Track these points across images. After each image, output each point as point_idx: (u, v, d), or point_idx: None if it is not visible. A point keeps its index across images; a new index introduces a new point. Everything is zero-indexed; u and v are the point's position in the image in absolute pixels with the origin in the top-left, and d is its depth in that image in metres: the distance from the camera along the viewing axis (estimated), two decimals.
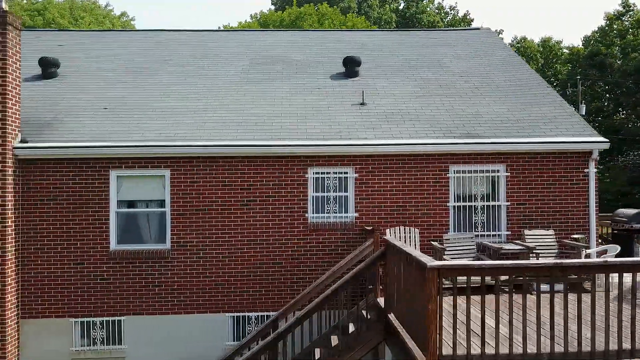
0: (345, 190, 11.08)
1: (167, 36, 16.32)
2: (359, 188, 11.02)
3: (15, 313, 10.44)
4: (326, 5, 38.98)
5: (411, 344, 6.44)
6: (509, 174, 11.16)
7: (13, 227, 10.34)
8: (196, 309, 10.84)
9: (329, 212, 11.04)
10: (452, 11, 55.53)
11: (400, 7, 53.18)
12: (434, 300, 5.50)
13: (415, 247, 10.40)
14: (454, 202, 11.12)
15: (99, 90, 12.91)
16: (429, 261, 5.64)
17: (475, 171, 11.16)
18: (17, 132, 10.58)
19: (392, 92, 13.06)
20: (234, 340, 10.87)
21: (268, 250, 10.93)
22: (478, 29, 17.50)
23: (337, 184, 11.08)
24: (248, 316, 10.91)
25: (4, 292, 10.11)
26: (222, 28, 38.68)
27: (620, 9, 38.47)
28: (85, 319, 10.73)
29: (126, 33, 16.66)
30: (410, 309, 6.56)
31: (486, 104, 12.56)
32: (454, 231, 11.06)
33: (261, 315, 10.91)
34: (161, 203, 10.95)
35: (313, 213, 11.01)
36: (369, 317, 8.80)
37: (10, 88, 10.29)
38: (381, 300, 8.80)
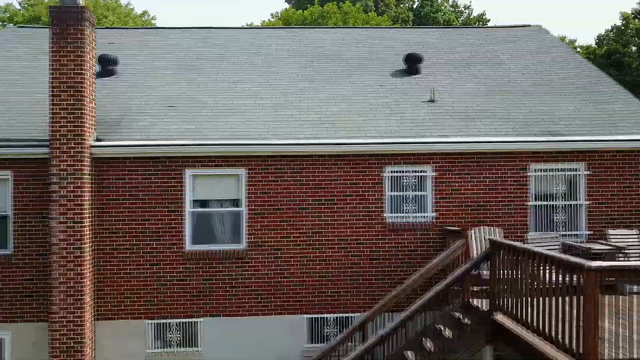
0: (422, 189, 10.86)
1: (217, 33, 16.09)
2: (438, 187, 10.81)
3: (91, 315, 10.24)
4: (349, 3, 38.73)
5: (544, 346, 6.23)
6: (589, 172, 10.94)
7: (89, 228, 10.14)
8: (273, 311, 10.63)
9: (406, 212, 10.82)
10: (466, 10, 55.25)
11: (414, 6, 52.89)
12: (594, 304, 5.28)
13: None
14: (534, 201, 10.90)
15: (161, 88, 12.70)
16: (586, 262, 5.42)
17: (555, 170, 10.95)
18: (92, 131, 10.38)
19: (457, 90, 12.84)
20: (311, 342, 10.67)
21: (345, 251, 10.72)
22: (528, 26, 17.23)
23: (415, 182, 10.86)
24: (326, 318, 10.70)
25: (82, 294, 9.92)
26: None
27: (638, 7, 38.17)
28: (161, 321, 10.52)
29: (176, 30, 16.43)
30: (544, 312, 6.33)
31: (555, 101, 12.34)
32: (534, 231, 10.83)
33: (339, 317, 10.70)
34: (235, 202, 10.74)
35: (390, 213, 10.79)
36: (465, 319, 8.57)
37: (87, 85, 10.09)
38: (478, 302, 8.57)
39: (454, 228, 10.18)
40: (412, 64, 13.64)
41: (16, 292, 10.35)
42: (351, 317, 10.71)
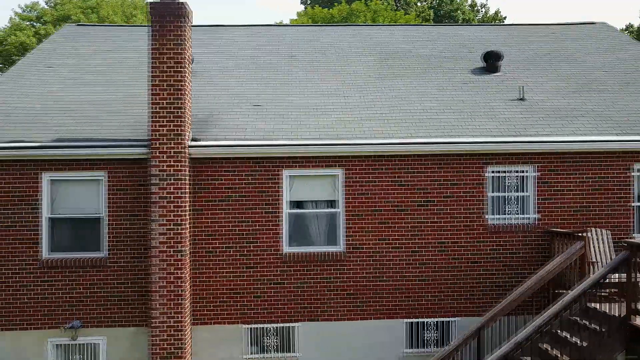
0: (524, 190, 10.56)
1: (283, 31, 15.84)
2: (540, 187, 10.51)
3: (189, 319, 9.97)
4: (377, 1, 38.43)
5: None
6: None
7: (188, 230, 9.87)
8: (372, 315, 10.34)
9: (509, 213, 10.53)
10: (482, 9, 54.94)
11: (432, 5, 52.62)
12: None
13: (609, 250, 9.88)
14: (637, 201, 10.60)
15: (239, 87, 12.42)
16: None
17: None
18: (189, 130, 10.11)
19: (542, 88, 12.54)
20: (410, 347, 10.39)
21: (445, 254, 10.43)
22: (593, 23, 16.90)
23: (516, 183, 10.57)
24: (426, 322, 10.41)
25: (182, 298, 9.65)
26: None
27: None
28: (258, 325, 10.25)
29: (239, 28, 16.16)
30: None
31: None
32: (638, 232, 10.53)
33: (439, 322, 10.42)
34: (331, 203, 10.46)
35: (492, 214, 10.50)
36: (595, 325, 8.27)
37: (186, 83, 9.82)
38: (605, 306, 8.27)
39: (566, 230, 9.89)
40: (491, 62, 13.34)
41: (111, 296, 10.09)
42: (451, 321, 10.43)
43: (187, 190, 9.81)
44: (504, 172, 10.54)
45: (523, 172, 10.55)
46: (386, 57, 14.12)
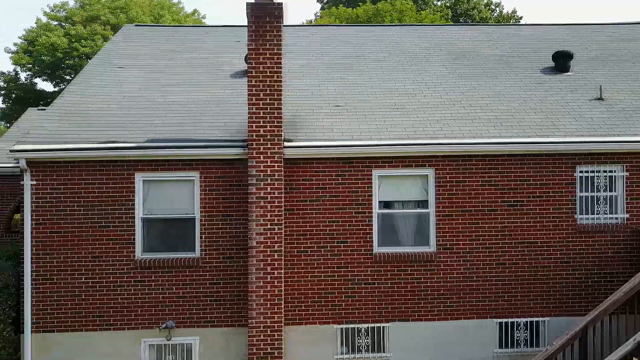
0: (613, 190, 10.57)
1: (344, 31, 15.86)
2: (629, 187, 10.51)
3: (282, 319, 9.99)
4: (403, 1, 38.43)
5: None
6: None
7: (282, 230, 9.88)
8: (463, 314, 10.36)
9: (598, 213, 10.53)
10: (497, 8, 54.91)
11: (448, 4, 52.58)
12: None
13: None
14: None
15: (315, 88, 12.42)
16: None
17: None
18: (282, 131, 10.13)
19: (617, 87, 12.52)
20: (501, 347, 10.39)
21: (535, 253, 10.43)
22: None
23: (605, 183, 10.57)
24: (516, 322, 10.41)
25: (279, 298, 9.68)
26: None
27: None
28: (350, 326, 10.26)
29: (300, 29, 16.17)
30: None
31: None
32: None
33: (529, 322, 10.42)
34: (421, 203, 10.47)
35: (581, 214, 10.50)
36: None
37: (281, 83, 9.83)
38: None
39: None
40: (561, 62, 13.32)
41: (204, 296, 10.11)
42: (540, 321, 10.44)
43: (282, 191, 9.83)
44: (593, 172, 10.54)
45: (612, 172, 10.55)
46: (453, 57, 14.11)
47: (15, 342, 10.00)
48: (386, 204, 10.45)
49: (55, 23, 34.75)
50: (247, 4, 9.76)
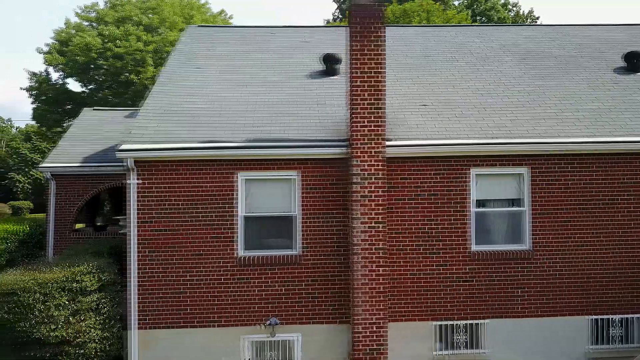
0: None
1: (403, 32, 15.97)
2: None
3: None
4: (429, 1, 38.53)
5: None
6: None
7: (384, 227, 10.00)
8: (558, 311, 10.48)
9: None
10: (514, 8, 55.02)
11: (466, 3, 52.67)
12: None
13: None
14: None
15: (398, 87, 12.49)
16: None
17: None
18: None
19: None
20: (595, 344, 10.52)
21: (629, 252, 10.56)
22: None
23: None
24: (611, 319, 10.53)
25: (383, 295, 9.80)
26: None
27: None
28: (447, 322, 10.40)
29: None
30: None
31: None
32: None
33: (624, 318, 10.54)
34: (515, 202, 10.60)
35: None
36: None
37: (384, 83, 9.96)
38: None
39: None
40: (634, 62, 13.43)
41: (305, 293, 10.26)
42: (635, 318, 10.56)
43: (385, 189, 9.96)
44: None
45: None
46: (522, 57, 14.22)
47: (122, 338, 10.15)
48: (481, 203, 10.58)
49: (86, 24, 34.97)
50: (352, 5, 9.90)
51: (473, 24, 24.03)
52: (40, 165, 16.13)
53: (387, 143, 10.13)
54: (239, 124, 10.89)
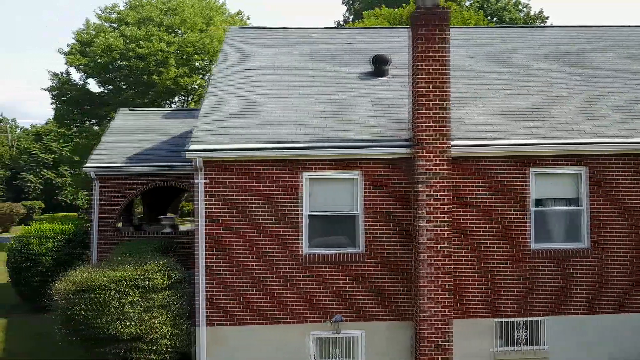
0: None
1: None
2: None
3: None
4: (451, 3, 38.69)
5: None
6: None
7: (448, 225, 10.16)
8: (616, 309, 10.65)
9: None
10: (524, 8, 55.19)
11: (477, 4, 52.79)
12: None
13: None
14: None
15: None
16: None
17: None
18: None
19: None
20: None
21: None
22: None
23: None
24: None
25: (448, 292, 9.98)
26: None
27: None
28: (507, 319, 10.58)
29: (397, 30, 16.45)
30: None
31: None
32: None
33: None
34: (572, 201, 10.78)
35: None
36: None
37: (449, 84, 10.14)
38: None
39: None
40: None
41: (368, 290, 10.45)
42: None
43: (450, 189, 10.13)
44: None
45: None
46: (565, 58, 14.36)
47: (191, 334, 10.33)
48: (540, 202, 10.76)
49: (107, 24, 35.16)
50: (417, 8, 10.08)
51: (513, 25, 24.15)
52: (85, 165, 16.31)
53: (454, 143, 10.30)
54: (299, 125, 11.07)
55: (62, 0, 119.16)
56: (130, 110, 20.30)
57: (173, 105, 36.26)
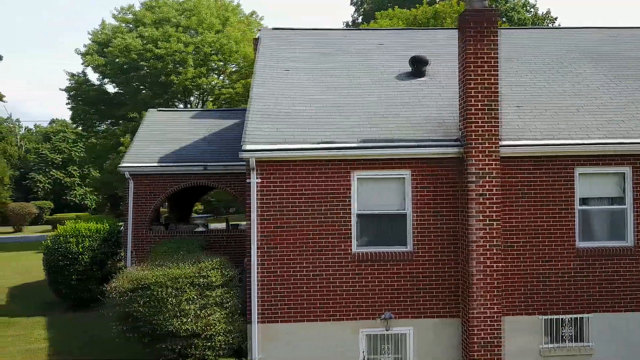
0: None
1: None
2: None
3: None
4: (463, 4, 38.81)
5: None
6: None
7: (499, 224, 10.31)
8: None
9: None
10: (532, 9, 55.35)
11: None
12: None
13: None
14: None
15: None
16: None
17: None
18: None
19: None
20: None
21: None
22: None
23: None
24: None
25: (498, 290, 10.15)
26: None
27: None
28: (553, 317, 10.74)
29: (439, 32, 16.65)
30: None
31: None
32: None
33: None
34: (617, 200, 10.95)
35: None
36: None
37: (498, 85, 10.31)
38: None
39: None
40: None
41: (417, 288, 10.62)
42: None
43: (499, 188, 10.29)
44: None
45: None
46: (597, 59, 14.49)
47: (244, 331, 10.50)
48: (585, 201, 10.93)
49: (124, 25, 35.36)
50: (467, 10, 10.26)
51: (541, 27, 24.27)
52: (120, 165, 16.48)
53: (503, 143, 10.46)
54: (346, 125, 11.24)
55: (62, 0, 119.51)
56: (158, 110, 20.49)
57: (188, 105, 36.45)
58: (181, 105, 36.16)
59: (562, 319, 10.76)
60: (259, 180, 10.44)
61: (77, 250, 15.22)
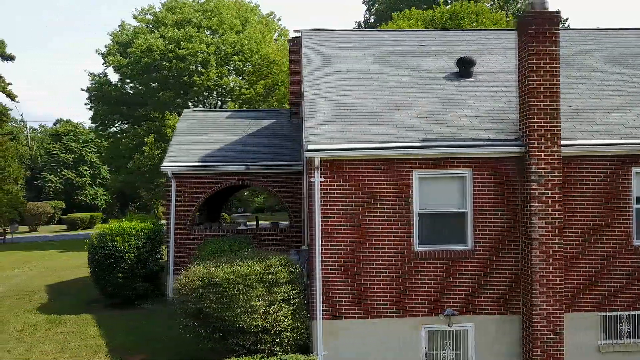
0: None
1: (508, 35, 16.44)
2: None
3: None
4: (481, 4, 38.99)
5: None
6: None
7: (560, 222, 10.46)
8: None
9: None
10: None
11: (499, 4, 52.94)
12: None
13: None
14: None
15: None
16: None
17: None
18: None
19: None
20: None
21: None
22: None
23: None
24: None
25: (560, 287, 10.31)
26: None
27: None
28: (611, 313, 10.91)
29: (470, 33, 16.81)
30: None
31: None
32: None
33: None
34: None
35: None
36: None
37: (559, 85, 10.47)
38: None
39: None
40: None
41: (478, 285, 10.78)
42: None
43: (561, 187, 10.46)
44: None
45: None
46: (638, 59, 14.69)
47: (308, 327, 10.67)
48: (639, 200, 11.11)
49: (145, 26, 35.55)
50: (528, 12, 10.42)
51: (581, 28, 24.33)
52: (162, 165, 16.71)
53: (564, 142, 10.62)
54: (404, 125, 11.41)
55: (62, 0, 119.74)
56: (193, 110, 20.74)
57: (207, 106, 36.64)
58: (200, 106, 36.34)
59: (619, 315, 10.92)
60: (323, 180, 10.61)
61: (123, 249, 15.40)
